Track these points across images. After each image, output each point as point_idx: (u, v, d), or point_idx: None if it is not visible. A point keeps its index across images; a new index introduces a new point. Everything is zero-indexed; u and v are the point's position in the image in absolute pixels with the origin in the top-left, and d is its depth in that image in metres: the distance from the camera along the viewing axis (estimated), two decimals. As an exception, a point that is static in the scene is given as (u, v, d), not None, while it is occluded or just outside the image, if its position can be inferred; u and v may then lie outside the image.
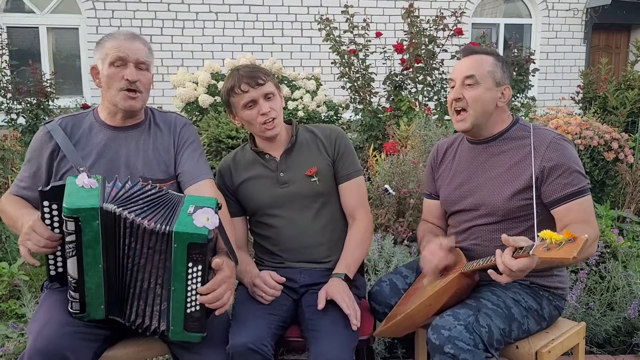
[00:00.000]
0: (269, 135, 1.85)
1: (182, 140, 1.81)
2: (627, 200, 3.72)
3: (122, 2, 8.12)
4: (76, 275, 1.49)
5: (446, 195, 1.90)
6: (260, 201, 1.89)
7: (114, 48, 1.68)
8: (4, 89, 5.94)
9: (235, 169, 1.94)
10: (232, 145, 3.66)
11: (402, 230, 2.90)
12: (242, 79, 1.80)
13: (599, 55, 9.18)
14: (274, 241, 1.90)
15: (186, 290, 1.49)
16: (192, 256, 1.46)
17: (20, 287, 2.64)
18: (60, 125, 1.73)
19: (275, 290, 1.76)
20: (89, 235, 1.46)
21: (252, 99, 1.81)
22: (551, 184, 1.66)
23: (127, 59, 1.68)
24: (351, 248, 1.87)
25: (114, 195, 1.49)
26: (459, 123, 1.78)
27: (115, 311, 1.56)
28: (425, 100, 4.86)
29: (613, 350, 2.49)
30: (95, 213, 1.44)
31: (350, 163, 1.91)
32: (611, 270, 2.65)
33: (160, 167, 1.75)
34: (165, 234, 1.45)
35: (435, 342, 1.54)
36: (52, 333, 1.48)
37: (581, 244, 1.26)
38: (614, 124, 5.48)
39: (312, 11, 8.32)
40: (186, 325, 1.51)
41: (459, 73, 1.76)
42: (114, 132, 1.75)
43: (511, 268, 1.40)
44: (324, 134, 1.93)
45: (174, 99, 5.21)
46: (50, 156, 1.70)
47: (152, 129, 1.80)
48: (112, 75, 1.69)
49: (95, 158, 1.70)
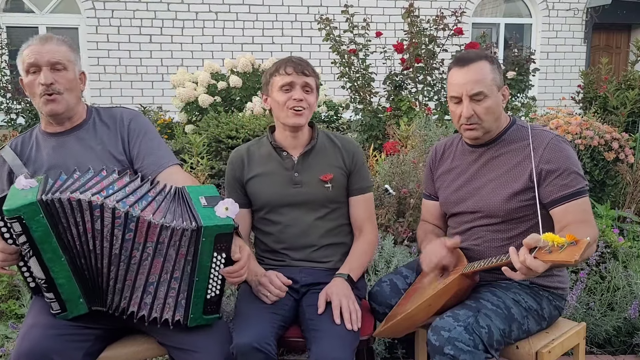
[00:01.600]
0: (292, 123, 1.83)
1: (134, 134, 1.76)
2: (628, 200, 3.72)
3: (122, 1, 8.12)
4: (43, 275, 1.48)
5: (445, 198, 1.89)
6: (270, 198, 1.88)
7: (26, 56, 1.65)
8: (3, 89, 5.94)
9: (248, 162, 1.93)
10: (232, 145, 3.65)
11: (402, 231, 2.90)
12: (290, 63, 1.84)
13: (600, 55, 9.18)
14: (276, 238, 1.90)
15: (209, 278, 1.52)
16: (218, 246, 1.49)
17: (20, 287, 2.64)
18: (11, 146, 1.73)
19: (280, 291, 1.76)
20: (38, 230, 1.44)
21: (291, 83, 1.82)
22: (549, 185, 1.66)
23: (39, 63, 1.64)
24: (356, 255, 1.89)
25: (58, 186, 1.47)
26: (469, 132, 1.75)
27: (95, 302, 1.55)
28: (425, 100, 4.86)
29: (613, 350, 2.49)
30: (36, 208, 1.42)
31: (365, 178, 1.95)
32: (611, 270, 2.64)
33: (111, 161, 1.71)
34: (194, 230, 1.46)
35: (435, 344, 1.54)
36: (37, 336, 1.48)
37: (583, 247, 1.26)
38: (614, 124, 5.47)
39: (312, 11, 8.32)
40: (205, 309, 1.55)
41: (463, 90, 1.70)
42: (57, 139, 1.73)
43: (530, 265, 1.35)
44: (344, 144, 1.94)
45: (174, 99, 5.22)
46: (8, 177, 1.70)
47: (97, 127, 1.76)
48: (29, 83, 1.66)
49: (47, 168, 1.68)
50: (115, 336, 1.66)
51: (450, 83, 1.75)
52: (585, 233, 1.53)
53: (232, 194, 1.93)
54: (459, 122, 1.75)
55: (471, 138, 1.78)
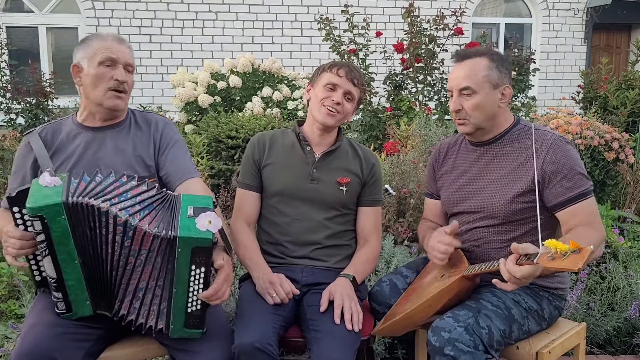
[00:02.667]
0: (322, 120, 1.86)
1: (165, 141, 1.80)
2: (628, 200, 3.71)
3: (122, 1, 8.12)
4: (54, 275, 1.49)
5: (447, 197, 1.89)
6: (285, 187, 1.89)
7: (103, 48, 1.69)
8: (3, 89, 5.93)
9: (270, 146, 1.94)
10: (232, 145, 3.65)
11: (403, 231, 2.90)
12: (345, 67, 1.88)
13: (600, 55, 9.17)
14: (282, 230, 1.90)
15: (188, 292, 1.49)
16: (196, 259, 1.46)
17: (20, 287, 2.64)
18: (40, 134, 1.74)
19: (287, 296, 1.75)
20: (57, 231, 1.44)
21: (337, 84, 1.86)
22: (554, 188, 1.66)
23: (118, 60, 1.70)
24: (361, 260, 1.90)
25: (82, 189, 1.48)
26: (460, 127, 1.79)
27: (103, 306, 1.55)
28: (425, 100, 4.86)
29: (613, 350, 2.48)
30: (59, 209, 1.43)
31: (378, 191, 1.98)
32: (612, 270, 2.64)
33: (140, 165, 1.74)
34: (170, 239, 1.45)
35: (435, 344, 1.54)
36: (38, 335, 1.48)
37: (586, 255, 1.26)
38: (614, 124, 5.48)
39: (312, 11, 8.31)
40: (186, 323, 1.52)
41: (455, 83, 1.74)
42: (92, 134, 1.75)
43: (514, 275, 1.41)
44: (365, 155, 1.98)
45: (174, 99, 5.21)
46: (33, 165, 1.71)
47: (132, 128, 1.80)
48: (100, 74, 1.69)
49: (75, 161, 1.70)
50: (116, 337, 1.66)
51: (449, 77, 1.80)
52: (592, 236, 1.54)
53: (247, 176, 1.94)
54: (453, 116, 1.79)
55: (463, 133, 1.81)
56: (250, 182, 1.93)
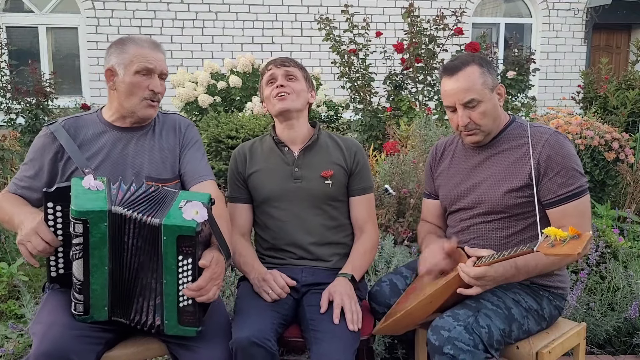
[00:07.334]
0: (278, 108, 1.86)
1: (187, 140, 1.83)
2: (628, 200, 3.71)
3: (122, 1, 8.13)
4: (82, 277, 1.50)
5: (445, 194, 1.90)
6: (270, 191, 1.89)
7: (140, 56, 1.68)
8: (3, 89, 5.94)
9: (250, 157, 1.95)
10: (232, 145, 3.65)
11: (403, 231, 2.90)
12: (272, 61, 1.94)
13: (600, 55, 9.18)
14: (276, 234, 1.90)
15: (177, 284, 1.50)
16: (182, 249, 1.47)
17: (20, 287, 2.64)
18: (64, 126, 1.72)
19: (283, 290, 1.76)
20: (96, 237, 1.47)
21: (272, 74, 1.90)
22: (547, 183, 1.66)
23: (154, 70, 1.70)
24: (359, 254, 1.89)
25: (121, 197, 1.51)
26: (470, 137, 1.77)
27: (118, 313, 1.56)
28: (425, 100, 4.86)
29: (613, 350, 2.48)
30: (103, 215, 1.46)
31: (366, 178, 1.96)
32: (612, 270, 2.64)
33: (165, 167, 1.76)
34: (155, 226, 1.46)
35: (434, 343, 1.54)
36: (57, 336, 1.47)
37: (586, 240, 1.27)
38: (614, 124, 5.48)
39: (312, 11, 8.32)
40: (180, 319, 1.52)
41: (456, 99, 1.71)
42: (120, 133, 1.75)
43: (468, 274, 1.52)
44: (346, 144, 1.97)
45: (174, 99, 5.21)
46: (54, 157, 1.70)
47: (157, 130, 1.81)
48: (136, 83, 1.69)
49: (102, 159, 1.71)
50: (120, 339, 1.66)
51: (443, 92, 1.77)
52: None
53: (234, 189, 1.95)
54: (458, 129, 1.77)
55: (473, 142, 1.79)
56: (238, 195, 1.94)
